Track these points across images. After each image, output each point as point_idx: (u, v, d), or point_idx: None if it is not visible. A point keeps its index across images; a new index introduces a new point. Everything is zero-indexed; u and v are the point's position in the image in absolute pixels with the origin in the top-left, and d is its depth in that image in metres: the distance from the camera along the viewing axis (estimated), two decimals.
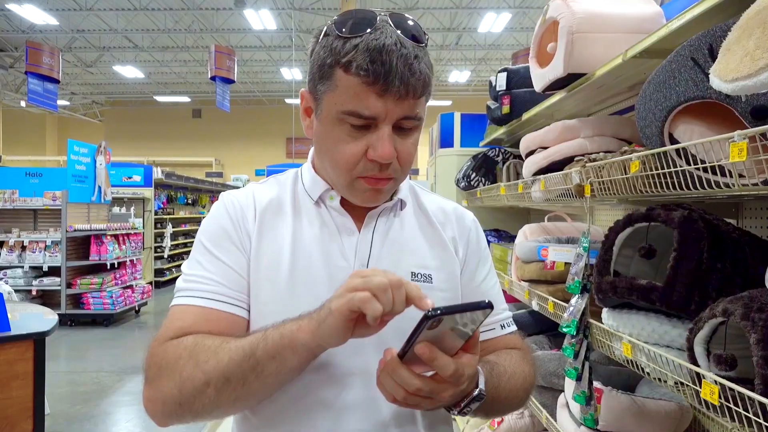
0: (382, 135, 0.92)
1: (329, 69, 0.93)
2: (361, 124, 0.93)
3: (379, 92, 0.89)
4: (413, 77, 0.90)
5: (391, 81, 0.88)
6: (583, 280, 1.75)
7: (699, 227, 1.33)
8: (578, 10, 1.96)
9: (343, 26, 0.92)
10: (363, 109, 0.91)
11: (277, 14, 14.26)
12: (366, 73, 0.88)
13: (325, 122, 0.97)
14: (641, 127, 1.41)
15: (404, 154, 0.97)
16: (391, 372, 0.81)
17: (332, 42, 0.93)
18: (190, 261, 1.02)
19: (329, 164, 1.01)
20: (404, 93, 0.90)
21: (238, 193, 1.09)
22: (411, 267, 1.05)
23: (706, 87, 1.19)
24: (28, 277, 7.96)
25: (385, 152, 0.92)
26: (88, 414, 4.79)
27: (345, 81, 0.91)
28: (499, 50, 17.06)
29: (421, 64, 0.91)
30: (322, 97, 0.96)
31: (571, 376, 1.76)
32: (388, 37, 0.89)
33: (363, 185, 0.98)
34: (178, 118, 23.32)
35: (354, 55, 0.89)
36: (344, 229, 1.05)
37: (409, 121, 0.94)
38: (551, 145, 2.19)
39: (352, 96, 0.91)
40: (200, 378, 0.86)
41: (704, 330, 1.18)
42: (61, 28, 14.95)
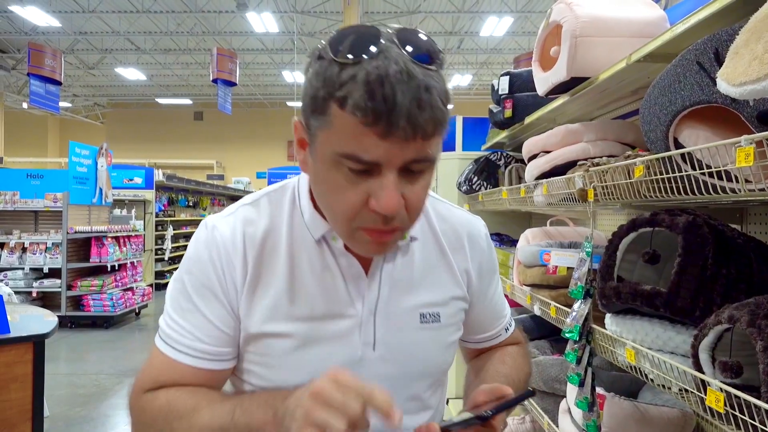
0: (386, 183, 0.76)
1: (323, 102, 0.76)
2: (360, 168, 0.76)
3: (381, 134, 0.73)
4: (423, 115, 0.73)
5: (394, 121, 0.72)
6: (586, 285, 1.74)
7: (704, 233, 1.32)
8: (582, 13, 1.96)
9: (339, 48, 0.75)
10: (362, 153, 0.75)
11: (279, 17, 14.28)
12: (364, 112, 0.72)
13: (320, 162, 0.81)
14: (646, 131, 1.40)
15: (413, 201, 0.81)
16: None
17: (326, 68, 0.75)
18: (174, 299, 0.94)
19: (326, 210, 0.87)
20: (411, 134, 0.73)
21: (224, 230, 0.93)
22: (420, 308, 0.98)
23: (712, 91, 1.18)
24: (28, 278, 7.95)
25: (389, 204, 0.77)
26: (88, 416, 4.77)
27: (341, 118, 0.74)
28: (501, 54, 17.08)
29: (433, 96, 0.74)
30: (315, 133, 0.79)
31: (574, 382, 1.74)
32: (393, 64, 0.72)
33: (365, 237, 0.83)
34: (180, 121, 23.34)
35: (350, 88, 0.72)
36: (350, 273, 0.94)
37: (419, 164, 0.78)
38: (554, 149, 2.18)
39: (350, 137, 0.74)
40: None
41: (709, 336, 1.17)
42: (64, 30, 14.98)
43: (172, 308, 0.93)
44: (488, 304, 1.11)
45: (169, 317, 0.93)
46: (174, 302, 0.94)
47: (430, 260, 1.01)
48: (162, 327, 0.94)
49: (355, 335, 0.94)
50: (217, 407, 0.85)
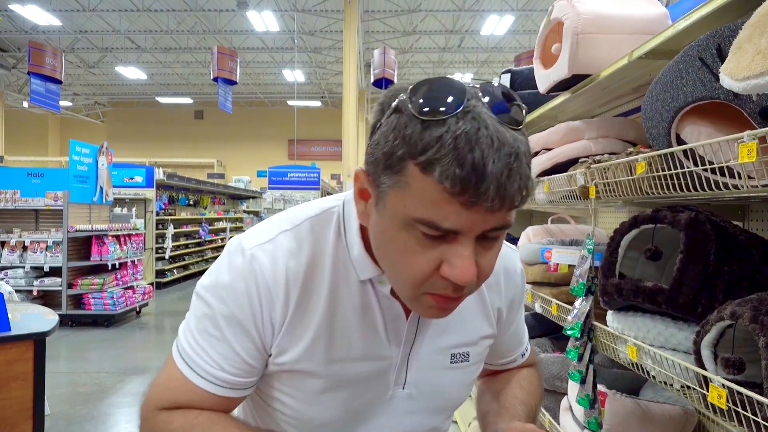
0: (463, 252, 0.71)
1: (399, 161, 0.69)
2: (436, 234, 0.70)
3: (467, 203, 0.66)
4: (512, 185, 0.66)
5: (483, 192, 0.65)
6: (587, 283, 1.74)
7: (706, 229, 1.32)
8: (583, 11, 1.95)
9: (420, 103, 0.68)
10: (442, 221, 0.68)
11: (279, 16, 14.28)
12: (452, 181, 0.65)
13: (388, 222, 0.74)
14: (648, 127, 1.40)
15: (485, 268, 0.75)
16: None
17: (405, 125, 0.69)
18: (199, 321, 0.88)
19: (389, 270, 0.80)
20: (499, 206, 0.67)
21: (265, 264, 0.85)
22: (451, 349, 0.96)
23: (715, 87, 1.18)
24: (29, 277, 7.95)
25: (465, 274, 0.71)
26: (88, 415, 4.77)
27: (421, 183, 0.68)
28: (502, 53, 17.08)
29: (522, 164, 0.67)
30: (386, 191, 0.72)
31: (575, 379, 1.74)
32: (482, 128, 0.66)
33: (430, 302, 0.77)
34: (180, 119, 23.35)
35: (436, 154, 0.65)
36: (390, 317, 0.89)
37: (497, 231, 0.73)
38: (555, 147, 2.18)
39: (429, 203, 0.68)
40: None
41: (711, 333, 1.16)
42: (64, 29, 14.98)
43: (197, 329, 0.87)
44: (512, 334, 1.12)
45: (193, 338, 0.88)
46: (200, 324, 0.87)
47: (467, 300, 0.92)
48: (183, 345, 0.89)
49: (389, 376, 0.92)
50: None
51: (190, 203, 14.49)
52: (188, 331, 0.89)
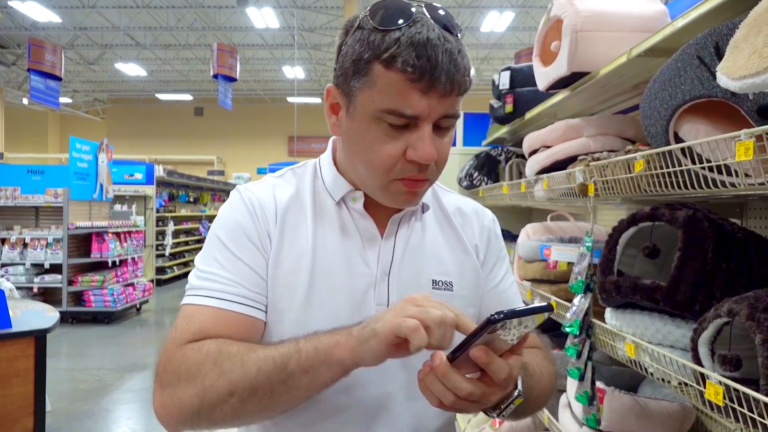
0: (424, 134, 0.87)
1: (366, 64, 0.86)
2: (401, 123, 0.87)
3: (424, 89, 0.83)
4: (458, 73, 0.84)
5: (437, 77, 0.82)
6: (586, 280, 1.74)
7: (704, 227, 1.32)
8: (582, 8, 1.95)
9: (379, 18, 0.85)
10: (405, 108, 0.85)
11: (279, 12, 14.26)
12: (413, 69, 0.82)
13: (359, 121, 0.90)
14: (646, 125, 1.41)
15: (442, 154, 0.91)
16: (441, 376, 0.77)
17: (368, 35, 0.86)
18: (205, 256, 0.97)
19: (362, 165, 0.94)
20: (449, 90, 0.84)
21: (257, 189, 1.03)
22: (432, 275, 1.03)
23: (712, 85, 1.18)
24: (29, 274, 7.97)
25: (427, 153, 0.87)
26: (89, 411, 4.79)
27: (385, 77, 0.85)
28: (502, 49, 17.05)
29: (464, 59, 0.86)
30: (356, 93, 0.89)
31: (574, 376, 1.75)
32: (431, 30, 0.83)
33: (400, 187, 0.92)
34: (180, 116, 23.34)
35: (397, 50, 0.83)
36: (366, 234, 1.01)
37: (448, 119, 0.89)
38: (554, 144, 2.18)
39: (394, 93, 0.85)
40: (225, 387, 0.83)
41: (709, 330, 1.17)
42: (64, 26, 14.97)
43: (208, 263, 0.96)
44: (497, 288, 1.12)
45: (207, 271, 0.95)
46: (209, 256, 0.96)
47: (443, 232, 1.08)
48: (197, 284, 0.94)
49: (369, 294, 0.98)
50: (275, 344, 0.86)
51: (190, 200, 14.50)
52: (197, 271, 0.97)
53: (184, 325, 0.91)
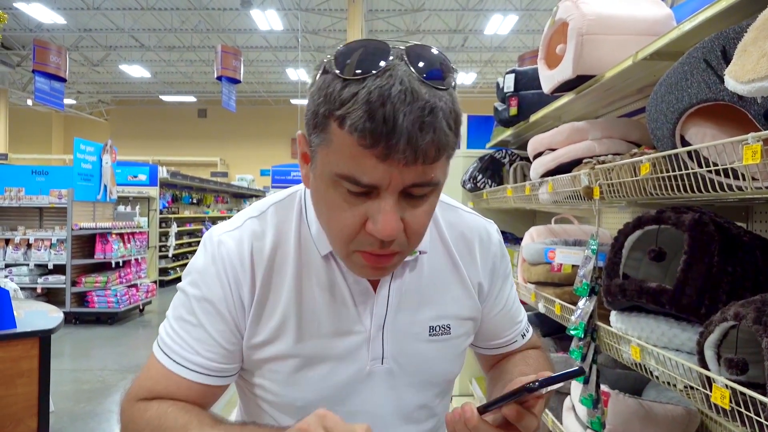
0: (384, 207, 0.73)
1: (323, 119, 0.73)
2: (359, 191, 0.74)
3: (380, 156, 0.69)
4: (424, 138, 0.69)
5: (393, 145, 0.68)
6: (591, 283, 1.74)
7: (710, 230, 1.32)
8: (588, 11, 1.96)
9: (345, 63, 0.71)
10: (360, 176, 0.72)
11: (283, 15, 14.29)
12: (361, 133, 0.68)
13: (319, 180, 0.78)
14: (652, 129, 1.41)
15: (413, 226, 0.78)
16: (473, 429, 0.76)
17: (329, 84, 0.72)
18: (176, 308, 0.91)
19: (325, 229, 0.85)
20: (412, 158, 0.69)
21: (230, 246, 0.89)
22: (429, 321, 0.96)
23: (719, 89, 1.18)
24: (33, 274, 7.98)
25: (386, 228, 0.73)
26: (92, 412, 4.79)
27: (339, 138, 0.71)
28: (505, 52, 17.06)
29: (437, 118, 0.70)
30: (316, 149, 0.76)
31: (579, 379, 1.75)
32: (397, 83, 0.68)
33: (362, 260, 0.80)
34: (184, 118, 23.38)
35: (350, 108, 0.69)
36: (358, 291, 0.91)
37: (421, 188, 0.75)
38: (559, 147, 2.18)
39: (348, 157, 0.71)
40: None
41: (715, 333, 1.17)
42: (69, 27, 15.01)
43: (174, 319, 0.91)
44: (502, 310, 1.09)
45: (171, 327, 0.91)
46: (176, 312, 0.91)
47: (442, 273, 0.98)
48: (162, 336, 0.92)
49: (363, 351, 0.92)
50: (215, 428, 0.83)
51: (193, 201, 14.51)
52: (167, 322, 0.92)
53: (142, 378, 0.92)
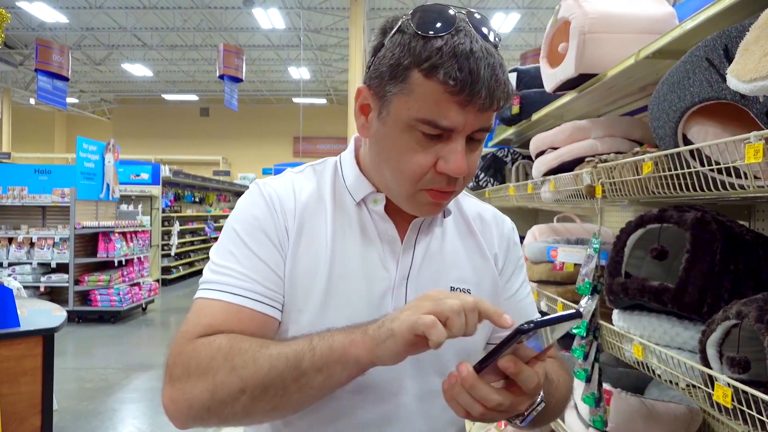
0: (457, 148, 0.85)
1: (404, 71, 0.84)
2: (435, 133, 0.85)
3: (463, 103, 0.81)
4: (499, 89, 0.83)
5: (477, 92, 0.81)
6: (593, 282, 1.75)
7: (712, 229, 1.32)
8: (590, 10, 1.95)
9: (424, 25, 0.83)
10: (441, 119, 0.83)
11: (285, 13, 14.29)
12: (454, 81, 0.80)
13: (391, 126, 0.88)
14: (654, 127, 1.41)
15: (472, 168, 0.90)
16: (469, 388, 0.75)
17: (409, 40, 0.84)
18: (220, 250, 0.95)
19: (390, 171, 0.92)
20: (488, 105, 0.83)
21: (277, 184, 1.00)
22: (451, 281, 1.01)
23: (721, 88, 1.18)
24: (36, 273, 8.01)
25: (459, 167, 0.85)
26: (95, 410, 4.81)
27: (424, 87, 0.83)
28: (508, 51, 17.03)
29: (505, 73, 0.85)
30: (390, 99, 0.86)
31: (581, 378, 1.75)
32: (474, 42, 0.82)
33: (426, 198, 0.91)
34: (186, 117, 23.40)
35: (440, 60, 0.80)
36: (386, 237, 0.99)
37: (482, 133, 0.88)
38: (562, 146, 2.18)
39: (431, 104, 0.83)
40: (236, 384, 0.81)
41: (717, 332, 1.17)
42: (71, 26, 15.03)
43: (223, 257, 0.93)
44: (512, 297, 1.10)
45: (221, 266, 0.92)
46: (225, 249, 0.94)
47: (462, 238, 1.06)
48: (210, 278, 0.92)
49: (387, 298, 0.96)
50: (288, 341, 0.84)
51: (195, 200, 14.53)
52: (212, 265, 0.94)
53: (195, 319, 0.89)
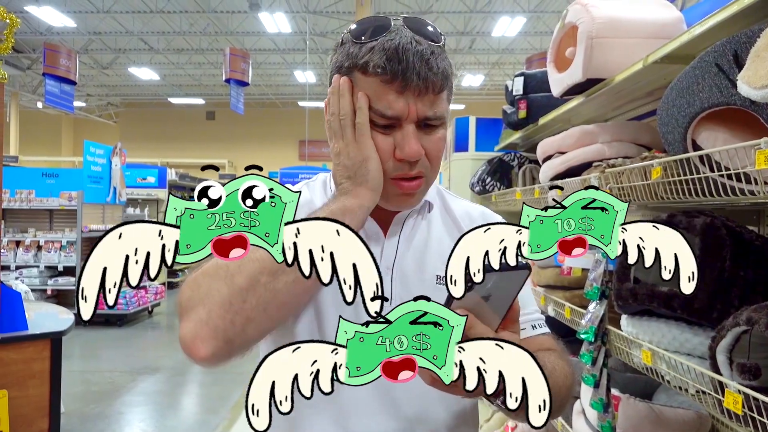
0: (407, 133, 0.93)
1: (347, 71, 0.95)
2: (385, 123, 0.94)
3: (399, 90, 0.90)
4: (431, 72, 0.90)
5: (409, 77, 0.89)
6: (601, 287, 1.74)
7: (722, 234, 1.32)
8: (598, 15, 1.95)
9: (358, 33, 0.94)
10: (385, 109, 0.92)
11: (291, 17, 14.33)
12: (383, 71, 0.89)
13: None
14: (663, 132, 1.40)
15: (432, 150, 0.97)
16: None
17: (348, 48, 0.95)
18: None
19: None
20: (424, 88, 0.90)
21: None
22: (436, 270, 1.05)
23: (731, 93, 1.18)
24: (43, 276, 8.04)
25: (412, 149, 0.92)
26: (102, 413, 4.82)
27: (364, 82, 0.93)
28: (513, 54, 17.03)
29: (438, 59, 0.92)
30: None
31: (589, 383, 1.74)
32: (403, 37, 0.91)
33: (395, 189, 0.98)
34: (192, 120, 23.47)
35: (370, 56, 0.91)
36: (370, 233, 1.05)
37: (433, 121, 0.95)
38: (569, 150, 2.18)
39: (373, 96, 0.92)
40: (252, 267, 0.83)
41: (727, 338, 1.17)
42: (78, 30, 15.11)
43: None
44: None
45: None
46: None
47: (449, 233, 1.11)
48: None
49: None
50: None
51: None
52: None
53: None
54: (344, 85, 0.95)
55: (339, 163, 0.96)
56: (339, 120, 0.96)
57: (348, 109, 0.95)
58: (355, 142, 0.95)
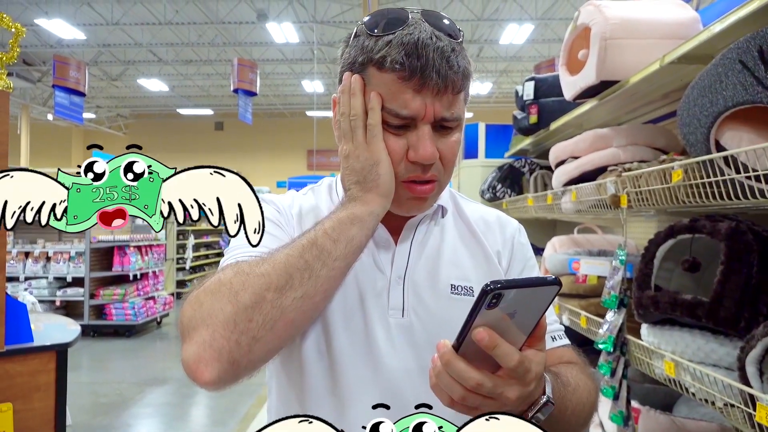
0: (422, 134, 0.87)
1: (361, 67, 0.89)
2: (399, 123, 0.88)
3: (417, 88, 0.84)
4: (451, 70, 0.85)
5: (428, 74, 0.83)
6: (620, 295, 1.68)
7: (748, 239, 1.26)
8: (611, 16, 1.91)
9: (374, 26, 0.88)
10: (400, 108, 0.86)
11: (299, 27, 14.37)
12: (402, 67, 0.83)
13: None
14: (685, 133, 1.35)
15: (447, 154, 0.91)
16: (445, 365, 0.68)
17: (363, 41, 0.89)
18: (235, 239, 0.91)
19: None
20: (443, 87, 0.85)
21: (279, 197, 1.06)
22: (450, 279, 0.99)
23: (757, 91, 1.13)
24: (52, 287, 8.03)
25: (426, 152, 0.87)
26: (110, 426, 4.78)
27: (379, 79, 0.87)
28: (521, 62, 16.99)
29: (458, 57, 0.86)
30: None
31: (608, 395, 1.68)
32: (423, 32, 0.85)
33: (407, 193, 0.92)
34: (201, 131, 23.57)
35: (388, 51, 0.85)
36: (380, 241, 0.99)
37: (449, 122, 0.89)
38: (583, 155, 2.13)
39: (389, 95, 0.86)
40: (257, 283, 0.78)
41: (757, 348, 1.11)
42: (88, 43, 15.22)
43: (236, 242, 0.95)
44: None
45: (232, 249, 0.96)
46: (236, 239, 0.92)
47: (463, 239, 1.06)
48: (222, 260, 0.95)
49: (383, 298, 0.96)
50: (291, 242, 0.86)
51: None
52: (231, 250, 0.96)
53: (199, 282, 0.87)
54: (356, 84, 0.90)
55: (348, 167, 0.91)
56: (349, 120, 0.90)
57: (359, 110, 0.89)
58: (366, 144, 0.89)
